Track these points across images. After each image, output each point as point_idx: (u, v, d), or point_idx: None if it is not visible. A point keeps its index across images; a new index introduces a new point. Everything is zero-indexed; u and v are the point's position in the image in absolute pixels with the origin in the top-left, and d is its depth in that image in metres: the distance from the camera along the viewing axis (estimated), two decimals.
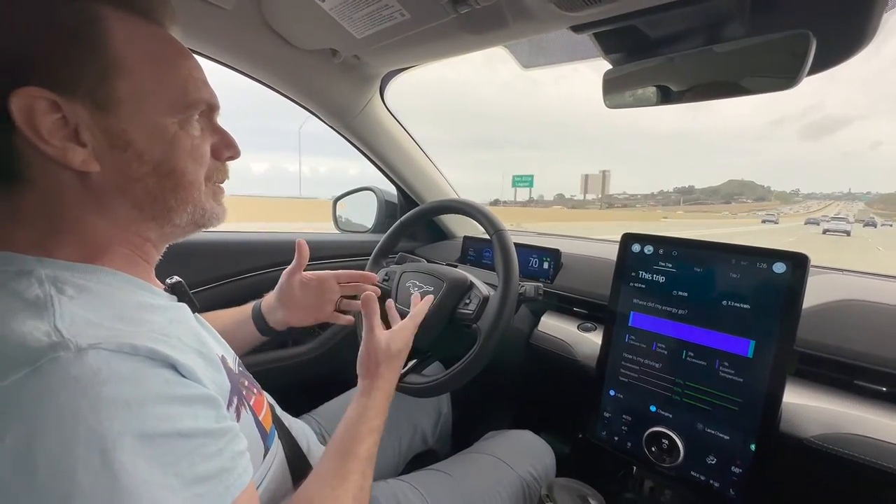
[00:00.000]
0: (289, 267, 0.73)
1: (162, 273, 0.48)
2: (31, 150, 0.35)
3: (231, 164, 0.49)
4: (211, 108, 0.44)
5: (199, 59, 0.83)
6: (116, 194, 0.39)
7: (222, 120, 0.47)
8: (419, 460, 0.88)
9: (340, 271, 0.78)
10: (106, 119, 0.37)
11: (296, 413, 0.73)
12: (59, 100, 0.34)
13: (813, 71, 0.57)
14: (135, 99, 0.37)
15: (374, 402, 0.56)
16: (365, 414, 0.54)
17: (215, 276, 0.98)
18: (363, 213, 1.45)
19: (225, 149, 0.46)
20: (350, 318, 0.79)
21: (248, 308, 0.75)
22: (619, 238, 0.78)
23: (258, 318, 0.73)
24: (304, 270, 0.75)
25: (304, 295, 0.74)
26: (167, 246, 0.47)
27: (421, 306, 0.71)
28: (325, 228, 1.55)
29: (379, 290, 0.81)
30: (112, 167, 0.37)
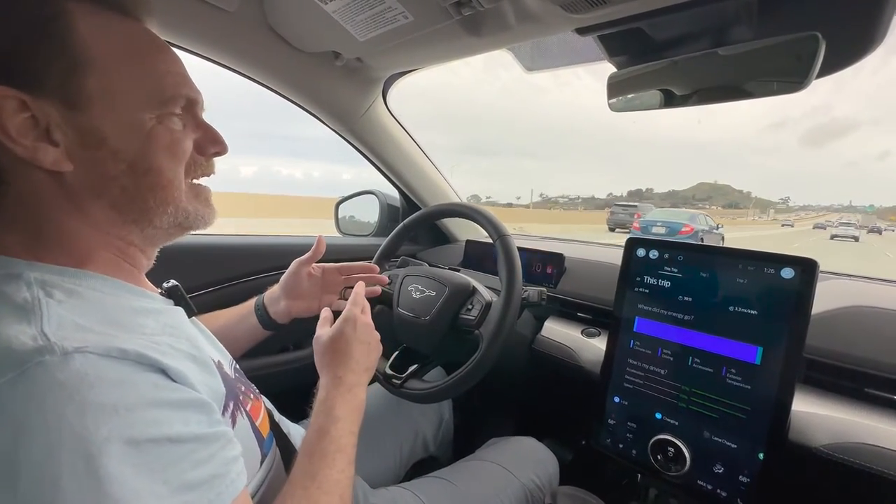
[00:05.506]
0: (302, 257, 0.74)
1: (160, 276, 0.47)
2: (2, 150, 0.34)
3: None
4: (192, 102, 0.42)
5: (198, 59, 0.84)
6: (92, 195, 0.38)
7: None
8: (420, 467, 0.87)
9: (344, 263, 0.78)
10: (77, 117, 0.35)
11: (296, 418, 0.72)
12: (27, 98, 0.33)
13: (822, 73, 0.56)
14: (107, 95, 0.36)
15: (332, 393, 0.54)
16: (322, 407, 0.52)
17: (215, 279, 0.97)
18: (365, 216, 1.44)
19: (210, 144, 0.45)
20: None
21: (250, 303, 0.75)
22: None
23: (260, 310, 0.73)
24: None
25: (309, 285, 0.74)
26: (159, 250, 0.46)
27: (358, 294, 0.66)
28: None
29: (386, 279, 0.84)
30: (86, 166, 0.36)
